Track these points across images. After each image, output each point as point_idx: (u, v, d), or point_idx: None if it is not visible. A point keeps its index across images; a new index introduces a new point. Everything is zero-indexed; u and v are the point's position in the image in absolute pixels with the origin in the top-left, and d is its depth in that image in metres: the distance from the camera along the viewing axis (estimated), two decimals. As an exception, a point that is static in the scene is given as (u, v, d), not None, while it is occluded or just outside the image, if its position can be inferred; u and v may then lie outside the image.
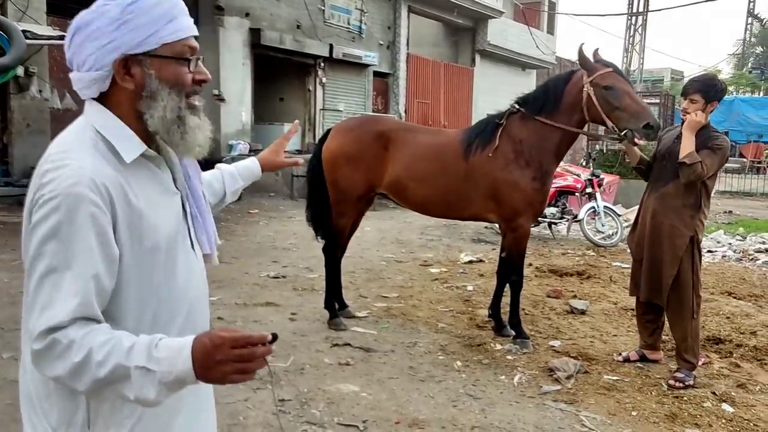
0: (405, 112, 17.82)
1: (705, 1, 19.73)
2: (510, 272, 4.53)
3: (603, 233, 9.01)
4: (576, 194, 9.52)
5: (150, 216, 1.20)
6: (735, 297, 5.98)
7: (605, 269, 7.09)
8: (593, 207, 9.07)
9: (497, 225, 5.91)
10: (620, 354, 4.22)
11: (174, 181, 1.32)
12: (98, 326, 1.11)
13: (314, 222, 4.93)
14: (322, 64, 15.15)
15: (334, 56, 15.03)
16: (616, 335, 4.74)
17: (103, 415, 1.19)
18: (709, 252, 8.29)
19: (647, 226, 3.91)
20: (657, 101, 22.10)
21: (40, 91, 9.43)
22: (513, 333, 4.48)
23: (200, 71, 1.26)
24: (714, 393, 3.67)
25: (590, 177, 9.35)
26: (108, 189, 1.13)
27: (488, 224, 9.22)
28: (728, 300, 5.82)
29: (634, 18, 25.60)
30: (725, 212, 13.26)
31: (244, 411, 3.23)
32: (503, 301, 4.69)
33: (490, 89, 20.73)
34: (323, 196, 4.77)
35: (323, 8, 15.07)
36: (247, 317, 4.80)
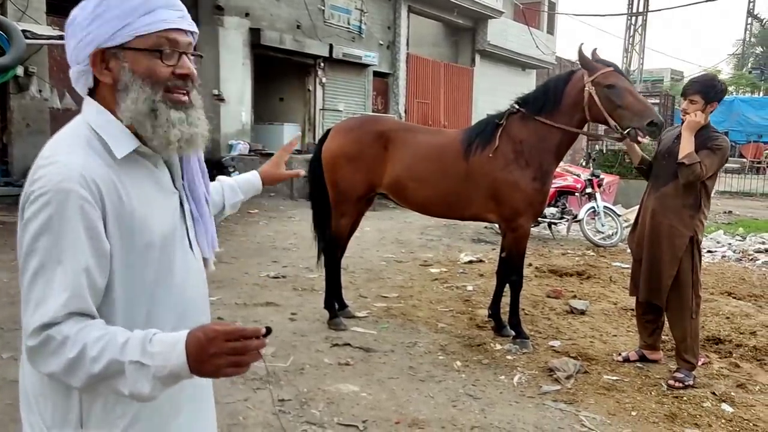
0: (405, 112, 17.82)
1: (705, 1, 19.72)
2: (510, 272, 4.53)
3: (603, 233, 9.01)
4: (576, 194, 9.52)
5: (143, 213, 1.19)
6: (735, 297, 5.98)
7: (605, 269, 7.09)
8: (593, 207, 9.07)
9: (497, 225, 5.92)
10: (620, 354, 4.22)
11: (173, 181, 1.32)
12: (93, 322, 1.11)
13: (315, 222, 4.93)
14: (322, 64, 15.15)
15: (334, 56, 15.02)
16: (616, 335, 4.74)
17: (96, 415, 1.19)
18: (709, 252, 8.29)
19: (647, 227, 3.91)
20: (657, 101, 22.12)
21: (40, 91, 9.43)
22: (513, 333, 4.48)
23: (182, 65, 1.21)
24: (713, 393, 3.67)
25: (590, 177, 9.35)
26: (98, 184, 1.13)
27: (488, 224, 9.22)
28: (728, 300, 5.82)
29: (634, 18, 25.60)
30: (725, 212, 13.26)
31: (244, 411, 3.23)
32: (503, 301, 4.69)
33: (490, 89, 20.72)
34: (323, 197, 4.77)
35: (323, 8, 15.07)
36: (247, 317, 4.80)
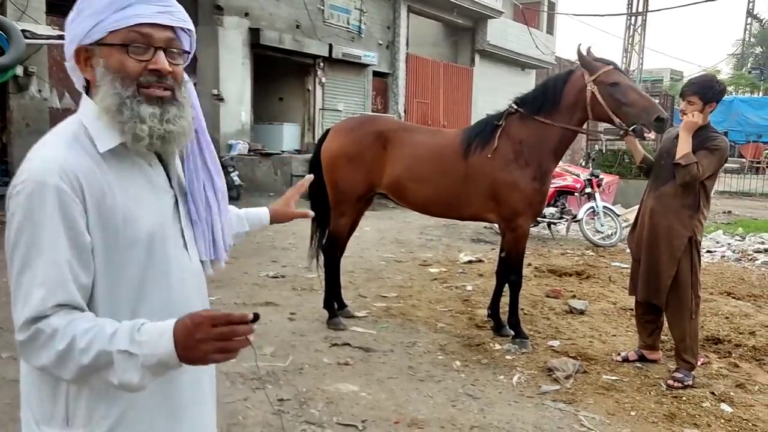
0: (404, 112, 17.83)
1: (705, 1, 19.74)
2: (509, 272, 4.53)
3: (602, 233, 9.01)
4: (575, 194, 9.52)
5: (127, 210, 1.19)
6: (734, 297, 5.98)
7: (604, 269, 7.09)
8: (592, 207, 9.07)
9: (496, 225, 5.92)
10: (619, 354, 4.22)
11: (170, 180, 1.31)
12: (82, 314, 1.12)
13: (314, 222, 4.93)
14: (322, 64, 15.16)
15: (334, 56, 15.03)
16: (615, 335, 4.74)
17: (81, 415, 1.19)
18: (709, 252, 8.29)
19: (646, 227, 3.91)
20: (657, 101, 22.06)
21: (40, 91, 9.42)
22: (512, 333, 4.48)
23: (155, 60, 1.19)
24: (713, 393, 3.67)
25: (589, 177, 9.36)
26: (78, 178, 1.13)
27: (488, 224, 9.22)
28: (727, 300, 5.82)
29: (634, 18, 25.56)
30: (724, 212, 13.26)
31: (244, 411, 3.23)
32: (502, 301, 4.69)
33: (490, 89, 20.73)
34: (322, 197, 4.77)
35: (323, 8, 15.07)
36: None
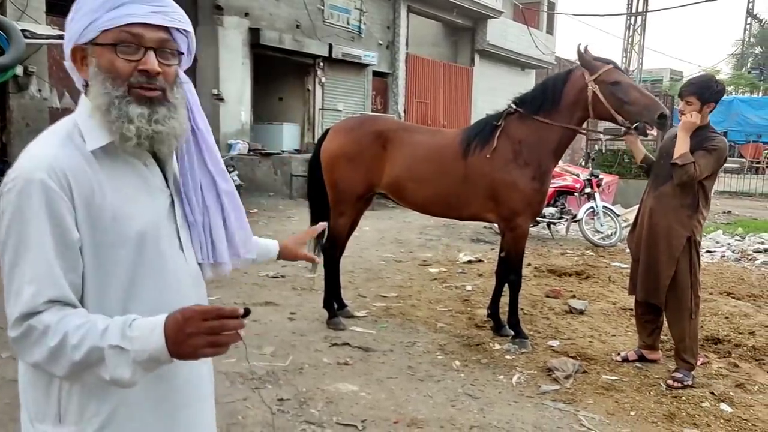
0: (404, 112, 17.83)
1: (705, 1, 19.74)
2: (509, 272, 4.53)
3: (602, 233, 9.01)
4: (575, 194, 9.52)
5: (117, 208, 1.18)
6: (734, 297, 5.98)
7: (604, 269, 7.09)
8: (592, 207, 9.07)
9: (496, 225, 5.92)
10: (619, 354, 4.22)
11: (166, 181, 1.31)
12: (74, 311, 1.12)
13: (314, 222, 4.93)
14: (322, 64, 15.16)
15: (334, 56, 15.03)
16: (615, 335, 4.75)
17: (72, 411, 1.19)
18: (708, 252, 8.30)
19: (645, 226, 3.91)
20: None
21: (40, 91, 9.42)
22: (512, 333, 4.48)
23: (145, 61, 1.19)
24: (712, 393, 3.67)
25: (589, 177, 9.36)
26: (67, 175, 1.14)
27: (487, 224, 9.22)
28: (727, 300, 5.82)
29: (634, 18, 25.56)
30: (724, 212, 13.26)
31: (243, 410, 3.23)
32: (502, 301, 4.69)
33: (490, 89, 20.73)
34: (321, 196, 4.77)
35: (322, 8, 15.07)
36: (246, 317, 4.79)
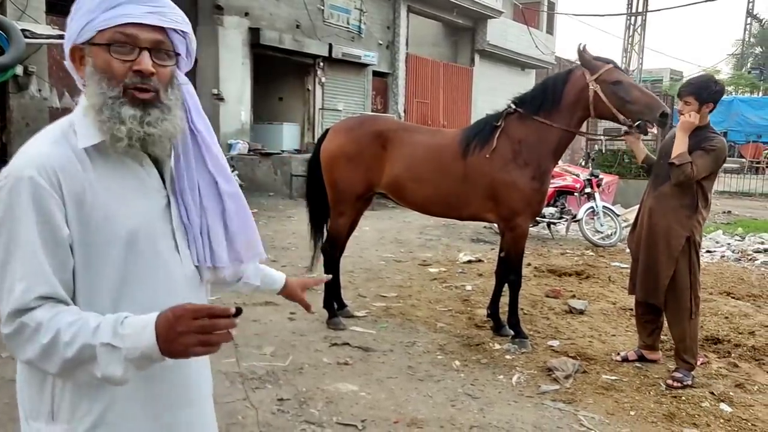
0: (404, 112, 17.83)
1: (705, 1, 19.75)
2: (509, 272, 4.53)
3: (602, 233, 9.01)
4: (575, 194, 9.52)
5: (108, 208, 1.18)
6: (733, 297, 5.98)
7: (604, 269, 7.09)
8: (592, 207, 9.07)
9: (496, 225, 5.92)
10: (619, 354, 4.22)
11: (163, 182, 1.30)
12: (67, 308, 1.12)
13: (313, 222, 4.93)
14: (322, 64, 15.16)
15: (334, 56, 15.03)
16: (615, 335, 4.75)
17: (65, 409, 1.19)
18: (708, 252, 8.30)
19: (644, 226, 3.91)
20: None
21: (39, 90, 9.42)
22: (512, 333, 4.48)
23: (139, 61, 1.18)
24: (712, 393, 3.67)
25: (589, 177, 9.35)
26: (57, 173, 1.14)
27: (487, 224, 9.22)
28: (727, 300, 5.82)
29: (634, 18, 25.57)
30: (724, 212, 13.26)
31: (243, 410, 3.23)
32: (502, 301, 4.70)
33: (490, 89, 20.73)
34: (322, 196, 4.77)
35: (322, 8, 15.08)
36: (246, 317, 4.79)
